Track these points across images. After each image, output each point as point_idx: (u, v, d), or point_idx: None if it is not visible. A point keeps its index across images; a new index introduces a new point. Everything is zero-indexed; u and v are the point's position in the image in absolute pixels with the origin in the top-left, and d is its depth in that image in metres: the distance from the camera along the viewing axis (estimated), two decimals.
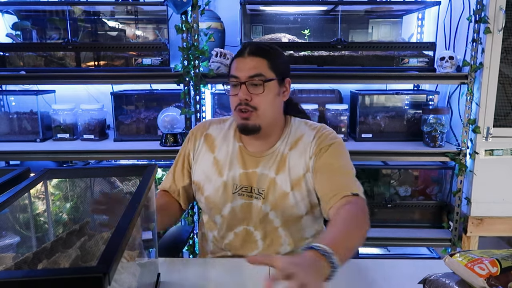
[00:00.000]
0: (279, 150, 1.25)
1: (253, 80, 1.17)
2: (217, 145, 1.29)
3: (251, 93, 1.18)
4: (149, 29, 2.36)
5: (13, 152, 2.03)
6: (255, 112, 1.18)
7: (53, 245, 0.78)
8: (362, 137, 2.21)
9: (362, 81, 2.08)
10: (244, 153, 1.26)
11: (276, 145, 1.25)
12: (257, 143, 1.26)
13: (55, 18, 2.22)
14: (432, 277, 0.88)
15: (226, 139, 1.29)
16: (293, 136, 1.27)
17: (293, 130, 1.28)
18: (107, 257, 0.52)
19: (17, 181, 0.91)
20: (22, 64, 2.07)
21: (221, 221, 1.25)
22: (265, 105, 1.19)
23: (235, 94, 1.19)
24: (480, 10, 1.90)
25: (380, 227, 2.21)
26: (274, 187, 1.21)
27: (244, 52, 1.21)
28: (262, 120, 1.20)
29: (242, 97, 1.17)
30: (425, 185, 2.30)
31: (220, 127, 1.33)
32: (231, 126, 1.32)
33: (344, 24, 2.36)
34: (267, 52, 1.21)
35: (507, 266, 0.79)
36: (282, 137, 1.26)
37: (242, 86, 1.18)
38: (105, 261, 0.51)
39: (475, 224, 2.06)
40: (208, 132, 1.32)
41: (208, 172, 1.26)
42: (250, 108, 1.18)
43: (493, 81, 1.95)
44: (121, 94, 2.23)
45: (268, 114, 1.21)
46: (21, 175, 0.92)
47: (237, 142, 1.28)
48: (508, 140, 2.00)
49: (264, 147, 1.25)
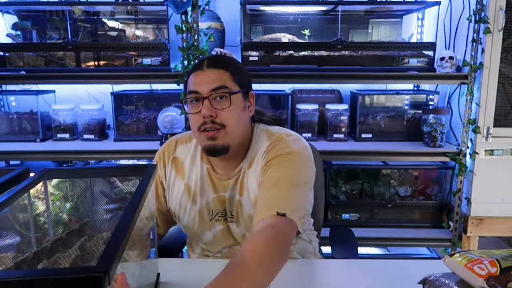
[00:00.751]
0: (243, 169, 1.14)
1: (217, 93, 1.04)
2: (186, 169, 1.18)
3: (215, 109, 1.04)
4: (149, 29, 2.36)
5: (13, 152, 2.03)
6: (223, 130, 1.05)
7: (53, 245, 0.78)
8: (362, 137, 2.21)
9: (362, 81, 2.08)
10: (213, 176, 1.16)
11: (241, 164, 1.14)
12: (224, 164, 1.15)
13: (55, 18, 2.22)
14: (432, 277, 0.88)
15: (194, 161, 1.18)
16: (252, 151, 1.14)
17: (254, 144, 1.15)
18: (107, 257, 0.52)
19: (17, 181, 0.91)
20: (22, 64, 2.07)
21: (204, 247, 1.22)
22: (233, 121, 1.06)
23: (197, 112, 1.05)
24: (480, 10, 1.90)
25: (380, 227, 2.21)
26: (241, 210, 1.13)
27: (202, 64, 1.08)
28: (230, 139, 1.06)
29: (206, 114, 1.03)
30: (425, 185, 2.30)
31: (187, 148, 1.21)
32: (197, 146, 1.19)
33: (344, 24, 2.36)
34: (227, 64, 1.10)
35: (507, 266, 0.79)
36: (247, 155, 1.14)
37: (204, 101, 1.04)
38: (105, 260, 0.51)
39: (475, 224, 2.06)
40: (175, 155, 1.20)
41: (181, 201, 1.18)
42: (217, 126, 1.04)
43: (493, 81, 1.95)
44: (121, 94, 2.23)
45: (236, 131, 1.07)
46: (21, 175, 0.92)
47: (205, 164, 1.16)
48: (508, 140, 2.00)
49: (231, 168, 1.15)
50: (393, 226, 2.22)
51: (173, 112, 2.09)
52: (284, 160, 1.06)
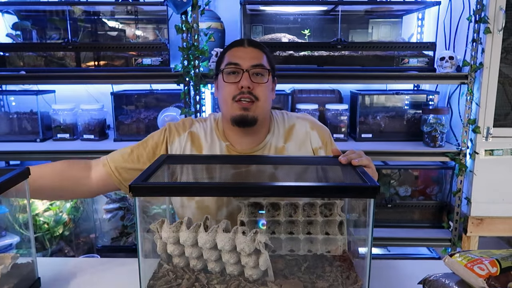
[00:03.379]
0: (270, 144, 1.22)
1: (256, 70, 1.15)
2: (203, 145, 1.23)
3: (253, 82, 1.14)
4: (149, 29, 2.36)
5: (13, 152, 2.03)
6: (256, 103, 1.14)
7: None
8: (362, 137, 2.21)
9: (362, 81, 2.08)
10: (232, 152, 1.21)
11: (265, 139, 1.22)
12: (245, 141, 1.21)
13: (55, 18, 2.22)
14: (432, 277, 0.88)
15: (211, 139, 1.23)
16: (282, 127, 1.25)
17: (279, 122, 1.26)
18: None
19: (17, 181, 0.91)
20: (22, 64, 2.07)
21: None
22: (265, 96, 1.16)
23: (234, 82, 1.14)
24: (480, 10, 1.90)
25: (380, 227, 2.21)
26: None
27: (243, 42, 1.19)
28: (259, 113, 1.16)
29: (245, 84, 1.12)
30: (425, 185, 2.30)
31: (202, 126, 1.26)
32: (213, 125, 1.25)
33: (344, 24, 2.36)
34: (264, 48, 1.21)
35: (507, 266, 0.79)
36: (271, 130, 1.24)
37: (244, 74, 1.13)
38: None
39: (475, 224, 2.06)
40: (192, 130, 1.25)
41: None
42: (252, 97, 1.14)
43: (493, 81, 1.95)
44: (121, 94, 2.23)
45: (265, 106, 1.18)
46: (20, 174, 0.92)
47: (223, 142, 1.22)
48: (508, 140, 2.00)
49: (252, 144, 1.22)
50: (393, 226, 2.22)
51: (173, 112, 2.09)
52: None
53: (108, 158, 1.22)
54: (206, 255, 0.87)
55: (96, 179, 1.19)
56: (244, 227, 0.86)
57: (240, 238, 0.83)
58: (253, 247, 0.83)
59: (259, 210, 1.00)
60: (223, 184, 1.00)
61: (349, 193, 0.85)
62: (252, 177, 1.15)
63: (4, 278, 0.87)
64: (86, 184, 1.18)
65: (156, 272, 0.90)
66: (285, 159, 1.16)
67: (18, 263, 0.94)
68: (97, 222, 2.36)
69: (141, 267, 0.82)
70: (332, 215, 0.99)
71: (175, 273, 0.89)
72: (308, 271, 0.90)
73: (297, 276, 0.87)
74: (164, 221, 0.89)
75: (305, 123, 1.26)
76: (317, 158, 1.18)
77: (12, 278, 0.90)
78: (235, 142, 1.22)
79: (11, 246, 1.34)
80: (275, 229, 0.99)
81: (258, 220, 0.98)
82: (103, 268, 1.12)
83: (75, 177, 1.17)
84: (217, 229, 0.86)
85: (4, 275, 0.87)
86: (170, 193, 0.93)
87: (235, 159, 1.16)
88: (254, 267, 0.84)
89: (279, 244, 0.96)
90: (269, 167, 1.14)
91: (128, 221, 2.24)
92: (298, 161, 1.13)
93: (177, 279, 0.87)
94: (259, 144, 1.22)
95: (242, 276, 0.87)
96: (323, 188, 0.85)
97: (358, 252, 0.95)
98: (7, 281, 0.88)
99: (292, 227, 1.00)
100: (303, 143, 1.23)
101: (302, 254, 0.96)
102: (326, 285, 0.84)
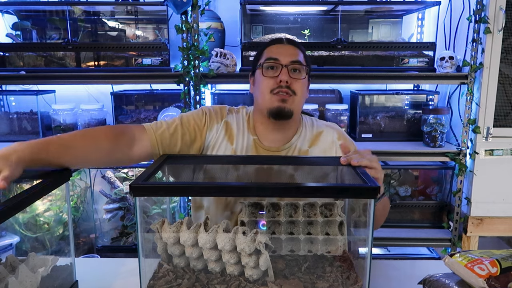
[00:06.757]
0: (295, 145, 1.24)
1: (294, 66, 1.19)
2: (234, 136, 1.24)
3: (291, 77, 1.18)
4: (149, 29, 2.36)
5: None
6: (293, 97, 1.18)
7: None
8: (362, 137, 2.21)
9: (362, 81, 2.08)
10: (259, 147, 1.23)
11: (292, 140, 1.24)
12: (273, 137, 1.23)
13: (55, 18, 2.22)
14: (432, 277, 0.88)
15: (242, 131, 1.25)
16: (310, 132, 1.27)
17: (308, 126, 1.29)
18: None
19: (58, 184, 0.90)
20: (22, 64, 2.07)
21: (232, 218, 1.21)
22: (302, 92, 1.21)
23: (273, 76, 1.18)
24: (480, 10, 1.90)
25: (380, 227, 2.20)
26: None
27: (282, 40, 1.25)
28: (295, 107, 1.19)
29: (284, 79, 1.16)
30: (425, 185, 2.30)
31: (236, 117, 1.27)
32: (245, 117, 1.28)
33: (344, 24, 2.36)
34: (301, 47, 1.26)
35: (507, 266, 0.79)
36: (298, 132, 1.26)
37: (283, 69, 1.17)
38: None
39: (475, 224, 2.06)
40: (227, 119, 1.26)
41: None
42: (290, 92, 1.17)
43: (493, 81, 1.95)
44: (121, 94, 2.23)
45: (301, 102, 1.22)
46: (61, 176, 0.91)
47: (251, 135, 1.24)
48: (508, 140, 2.00)
49: (280, 142, 1.23)
50: (393, 226, 2.22)
51: (173, 112, 2.09)
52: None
53: (157, 136, 1.16)
54: (207, 255, 0.87)
55: (140, 154, 1.15)
56: (244, 227, 0.86)
57: (240, 238, 0.83)
58: (253, 247, 0.83)
59: (260, 210, 1.00)
60: (223, 184, 1.00)
61: (349, 193, 0.85)
62: (253, 177, 1.16)
63: (44, 280, 0.87)
64: (129, 159, 1.16)
65: (156, 272, 0.90)
66: (285, 159, 1.16)
67: (58, 265, 0.94)
68: (97, 222, 2.36)
69: (141, 267, 0.82)
70: (332, 216, 0.99)
71: (175, 273, 0.89)
72: (308, 271, 0.90)
73: (297, 277, 0.87)
74: (165, 221, 0.89)
75: (333, 132, 1.28)
76: (319, 159, 1.18)
77: (51, 280, 0.90)
78: (264, 137, 1.24)
79: (11, 246, 1.34)
80: (275, 229, 0.99)
81: (258, 220, 0.99)
82: (103, 268, 1.12)
83: (120, 158, 1.14)
84: (218, 229, 0.86)
85: (44, 278, 0.87)
86: (170, 193, 0.93)
87: (236, 159, 1.16)
88: (254, 267, 0.84)
89: (279, 244, 0.96)
90: (269, 167, 1.14)
91: (128, 221, 2.24)
92: (301, 161, 1.13)
93: (177, 279, 0.87)
94: (285, 144, 1.23)
95: (242, 276, 0.87)
96: (323, 188, 0.85)
97: (358, 252, 0.95)
98: (46, 284, 0.88)
99: (292, 227, 1.00)
100: (327, 150, 1.24)
101: (302, 254, 0.96)
102: (326, 285, 0.84)
